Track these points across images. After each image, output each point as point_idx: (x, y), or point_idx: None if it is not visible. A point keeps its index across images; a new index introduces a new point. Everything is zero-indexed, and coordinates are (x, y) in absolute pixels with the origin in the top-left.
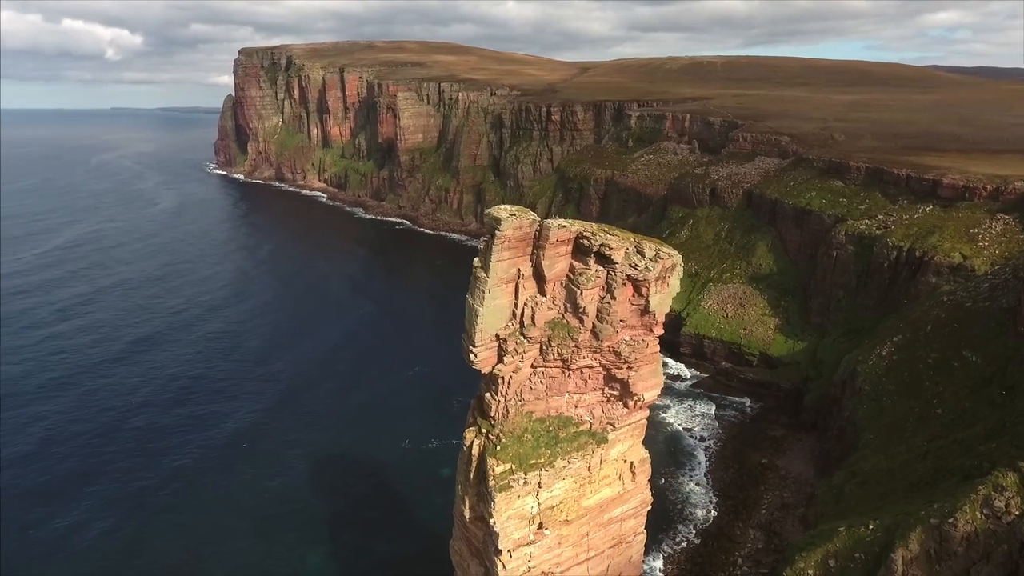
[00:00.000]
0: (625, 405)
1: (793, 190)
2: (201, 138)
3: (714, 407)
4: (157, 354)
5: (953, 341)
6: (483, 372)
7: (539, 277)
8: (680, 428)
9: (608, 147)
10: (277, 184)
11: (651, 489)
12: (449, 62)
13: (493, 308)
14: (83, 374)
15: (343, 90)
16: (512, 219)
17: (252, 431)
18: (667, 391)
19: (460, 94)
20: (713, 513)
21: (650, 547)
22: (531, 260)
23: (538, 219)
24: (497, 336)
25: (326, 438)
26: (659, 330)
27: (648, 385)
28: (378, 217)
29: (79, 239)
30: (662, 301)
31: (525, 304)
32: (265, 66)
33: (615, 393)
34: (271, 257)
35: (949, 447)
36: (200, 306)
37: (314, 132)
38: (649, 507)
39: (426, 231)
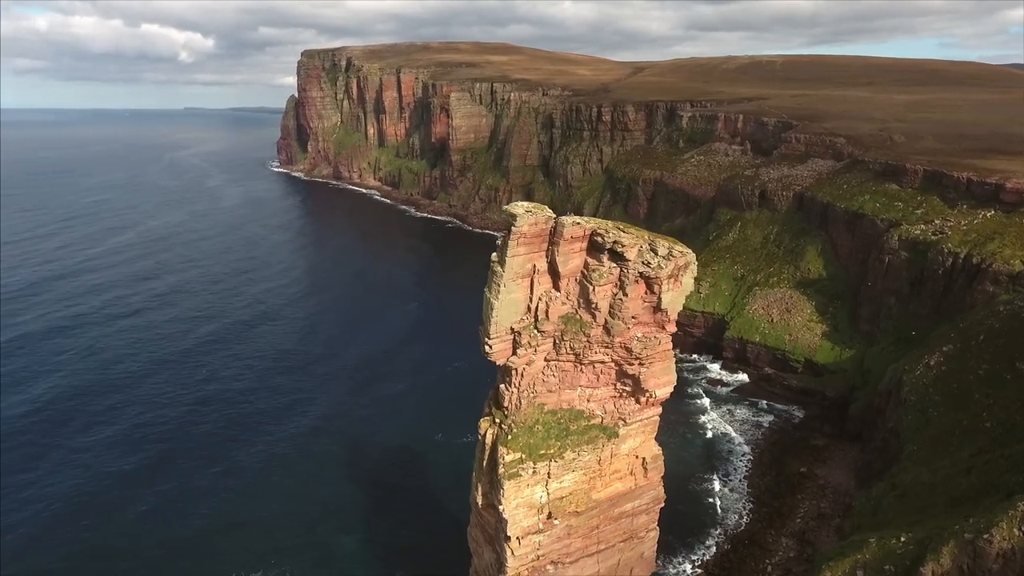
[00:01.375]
0: (637, 401)
1: (846, 193)
2: (265, 137)
3: (755, 413)
4: (220, 346)
5: (1006, 352)
6: (498, 363)
7: (554, 273)
8: (718, 433)
9: (658, 148)
10: (334, 182)
11: (683, 492)
12: (502, 62)
13: (508, 302)
14: (160, 364)
15: (399, 90)
16: (528, 216)
17: (299, 417)
18: (707, 395)
19: (512, 94)
20: (746, 519)
21: (678, 550)
22: (546, 256)
23: (553, 216)
24: (512, 329)
25: (365, 427)
26: (671, 328)
27: (660, 382)
28: (429, 216)
29: (149, 234)
30: (675, 299)
31: (540, 299)
32: (326, 67)
33: (627, 389)
34: (326, 253)
35: (996, 462)
36: (259, 300)
37: (370, 131)
38: (662, 504)
39: (475, 230)
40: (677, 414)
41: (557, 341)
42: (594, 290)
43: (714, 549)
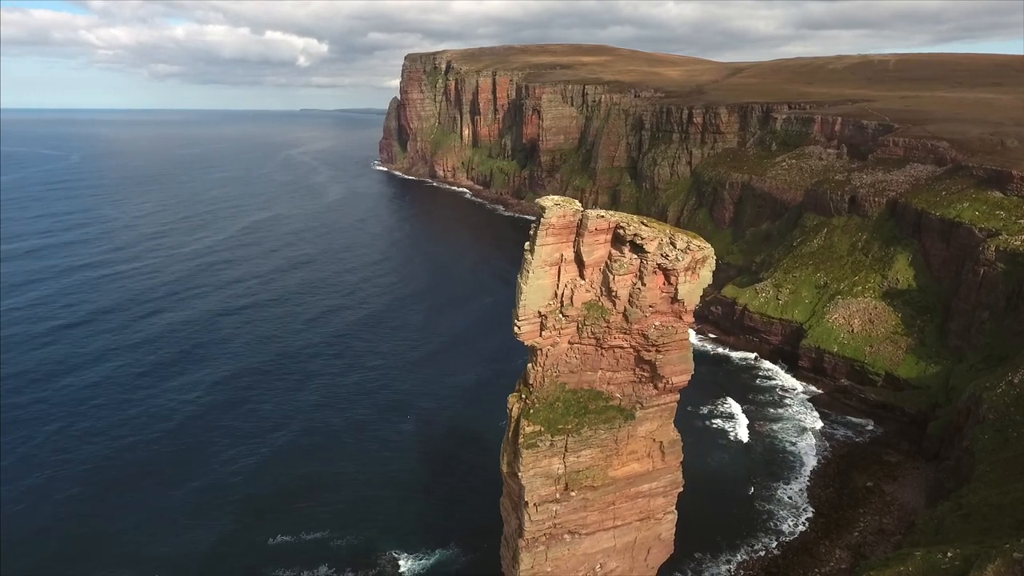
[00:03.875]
0: (655, 387)
1: (943, 200)
2: (369, 137)
3: (826, 424)
4: (316, 325)
5: None
6: (526, 344)
7: (579, 262)
8: (784, 440)
9: (749, 151)
10: (429, 181)
11: (738, 496)
12: (596, 64)
13: (536, 287)
14: (266, 339)
15: (494, 92)
16: (556, 208)
17: (380, 393)
18: (777, 403)
19: (603, 96)
20: (800, 528)
21: (724, 549)
22: (573, 246)
23: (580, 209)
24: (539, 313)
25: (433, 409)
26: (688, 318)
27: (676, 370)
28: (516, 215)
29: (262, 223)
30: (692, 291)
31: (566, 286)
32: (426, 70)
33: (645, 374)
34: (416, 246)
35: None
36: (357, 288)
37: (465, 132)
38: (680, 489)
39: None
40: (742, 419)
41: (580, 326)
42: (614, 279)
43: (762, 553)
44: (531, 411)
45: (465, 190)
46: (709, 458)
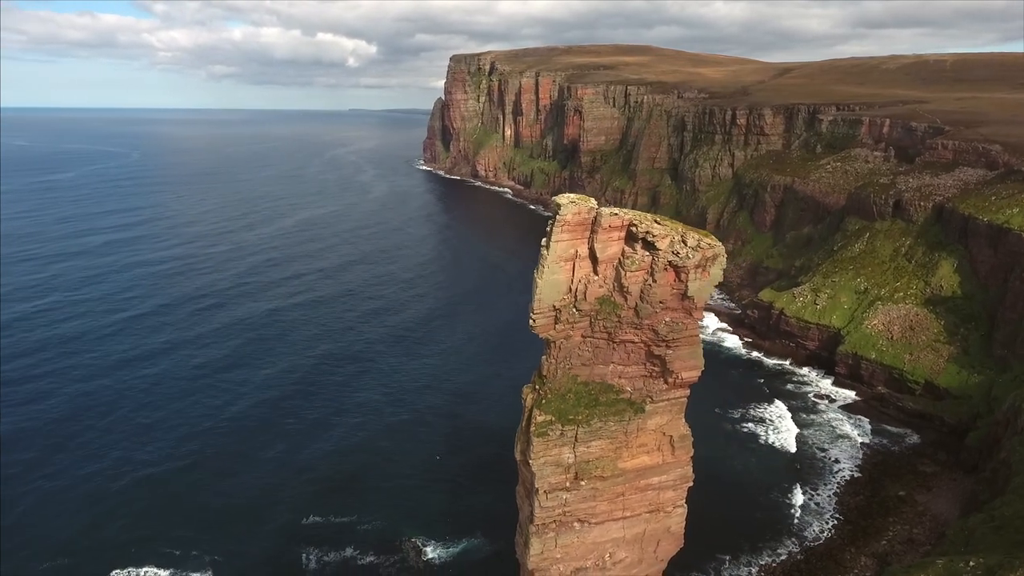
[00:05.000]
0: (665, 382)
1: (992, 205)
2: (414, 137)
3: (859, 432)
4: (370, 318)
5: None
6: (540, 336)
7: (593, 258)
8: (816, 447)
9: (794, 153)
10: (471, 181)
11: (764, 500)
12: (640, 64)
13: (551, 282)
14: (327, 335)
15: (536, 93)
16: (571, 205)
17: (426, 386)
18: (811, 409)
19: (645, 96)
20: (826, 534)
21: (747, 551)
22: (587, 243)
23: (595, 207)
24: (554, 307)
25: (478, 404)
26: (699, 315)
27: (686, 365)
28: None
29: (314, 220)
30: (702, 288)
31: (580, 281)
32: (471, 71)
33: (656, 369)
34: (466, 245)
35: None
36: (406, 285)
37: (507, 133)
38: (690, 483)
39: None
40: (774, 424)
41: (592, 320)
42: (626, 275)
43: (784, 557)
44: (543, 401)
45: (506, 190)
46: (736, 461)
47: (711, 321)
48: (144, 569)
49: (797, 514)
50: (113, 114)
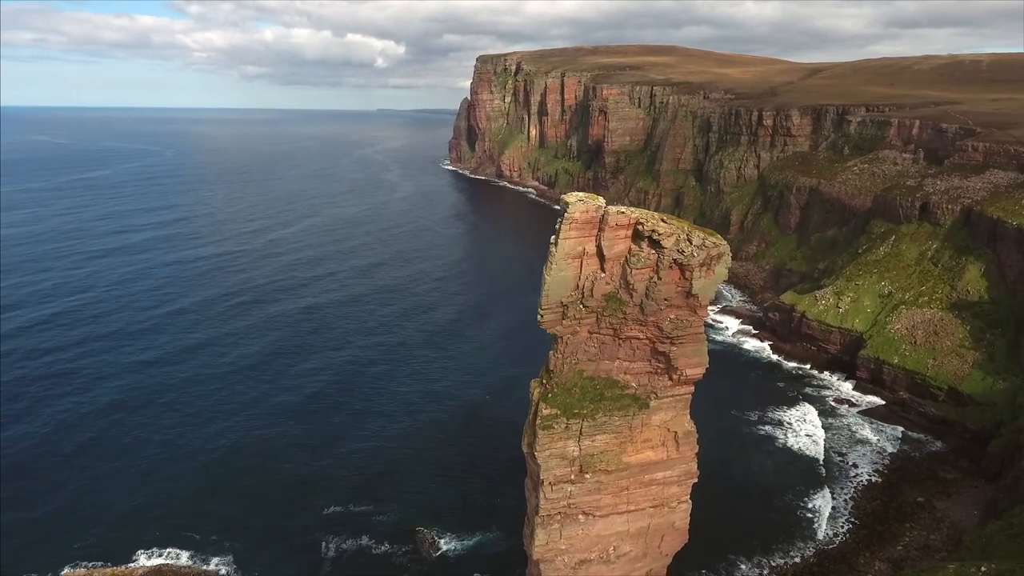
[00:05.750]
0: (669, 378)
1: (1023, 208)
2: (440, 137)
3: (879, 436)
4: (396, 313)
5: None
6: (547, 331)
7: (600, 256)
8: (834, 450)
9: (820, 154)
10: (495, 180)
11: (780, 502)
12: (667, 64)
13: (559, 279)
14: (361, 332)
15: (562, 93)
16: (579, 204)
17: (455, 383)
18: (831, 413)
19: (670, 97)
20: (841, 538)
21: (759, 552)
22: (595, 240)
23: (603, 205)
24: (561, 303)
25: (496, 402)
26: (703, 313)
27: (691, 362)
28: None
29: (342, 218)
30: (706, 286)
31: (587, 278)
32: (497, 72)
33: (660, 366)
34: (495, 244)
35: None
36: (436, 283)
37: (532, 133)
38: (695, 480)
39: None
40: (793, 427)
41: (599, 316)
42: (632, 272)
43: (797, 559)
44: (550, 395)
45: (531, 190)
46: (753, 462)
47: (732, 323)
48: (167, 549)
49: (812, 517)
50: (147, 113)
